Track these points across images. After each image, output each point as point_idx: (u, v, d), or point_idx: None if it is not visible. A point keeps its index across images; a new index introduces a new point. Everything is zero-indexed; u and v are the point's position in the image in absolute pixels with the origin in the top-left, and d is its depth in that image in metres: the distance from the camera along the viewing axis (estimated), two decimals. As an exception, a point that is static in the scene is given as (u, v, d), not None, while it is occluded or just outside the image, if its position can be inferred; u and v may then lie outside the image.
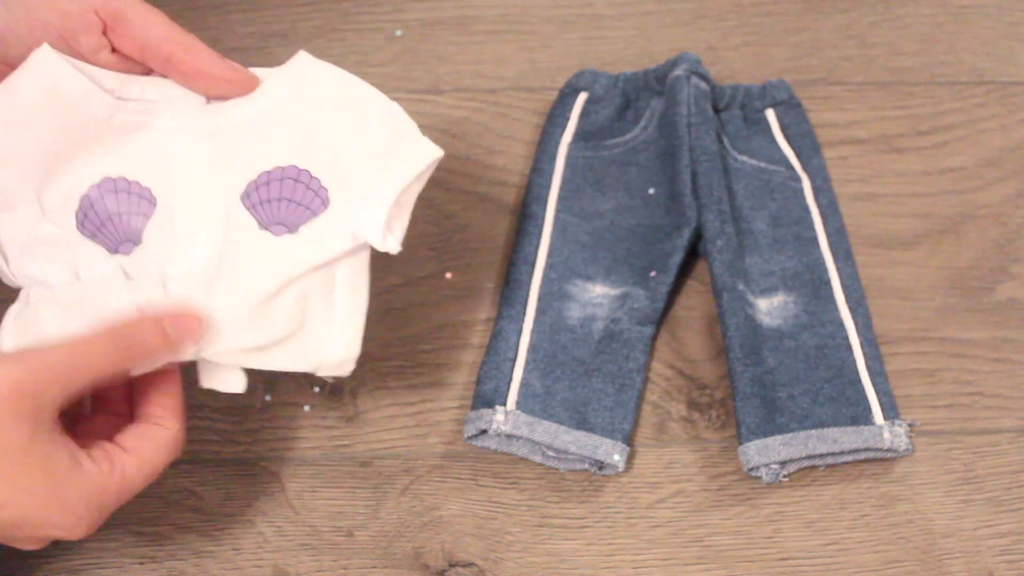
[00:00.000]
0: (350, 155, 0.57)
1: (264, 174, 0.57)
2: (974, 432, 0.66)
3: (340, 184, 0.57)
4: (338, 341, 0.57)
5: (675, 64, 0.75)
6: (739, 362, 0.66)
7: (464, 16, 0.82)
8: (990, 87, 0.79)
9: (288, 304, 0.55)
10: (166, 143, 0.58)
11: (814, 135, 0.76)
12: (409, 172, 0.56)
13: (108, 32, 0.56)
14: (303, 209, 0.57)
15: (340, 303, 0.57)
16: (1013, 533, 0.63)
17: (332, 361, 0.57)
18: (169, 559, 0.61)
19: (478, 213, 0.73)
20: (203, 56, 0.57)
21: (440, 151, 0.57)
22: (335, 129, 0.58)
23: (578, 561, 0.62)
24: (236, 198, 0.57)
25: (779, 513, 0.64)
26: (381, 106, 0.58)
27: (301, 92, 0.58)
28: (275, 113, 0.58)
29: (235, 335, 0.55)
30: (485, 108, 0.78)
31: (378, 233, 0.55)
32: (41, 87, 0.55)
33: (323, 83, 0.58)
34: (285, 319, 0.55)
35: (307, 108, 0.58)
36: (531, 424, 0.64)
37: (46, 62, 0.55)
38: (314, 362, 0.56)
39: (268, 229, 0.57)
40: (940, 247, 0.73)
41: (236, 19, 0.81)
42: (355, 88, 0.58)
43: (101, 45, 0.56)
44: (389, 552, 0.62)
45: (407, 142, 0.57)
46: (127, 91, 0.57)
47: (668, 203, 0.72)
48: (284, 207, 0.57)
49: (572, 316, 0.69)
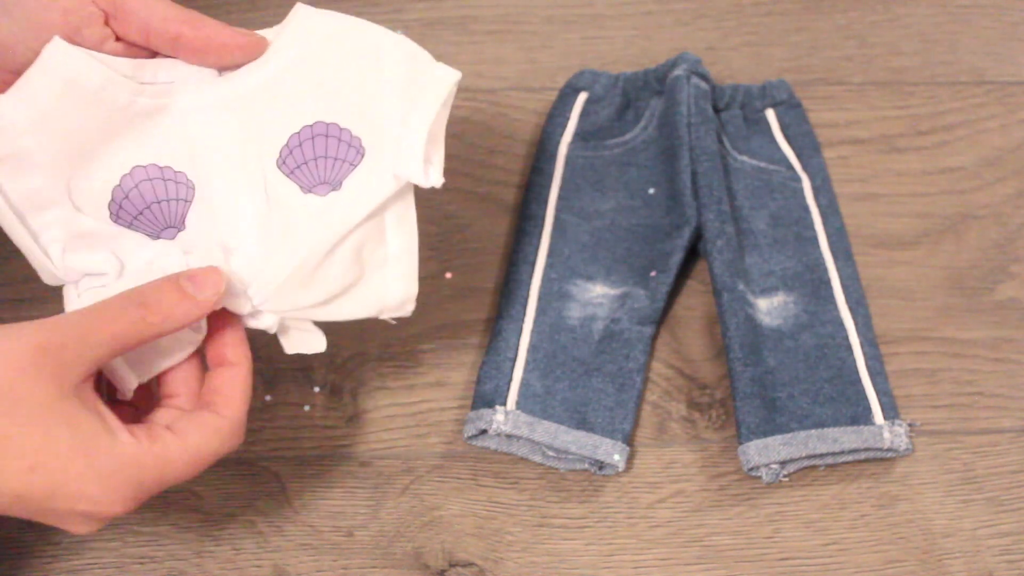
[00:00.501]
0: (373, 98, 0.57)
1: (294, 136, 0.57)
2: (974, 432, 0.66)
3: (371, 129, 0.57)
4: (396, 283, 0.57)
5: (675, 64, 0.75)
6: (739, 362, 0.66)
7: (464, 16, 0.82)
8: (990, 87, 0.79)
9: (344, 258, 0.56)
10: (189, 123, 0.57)
11: (814, 135, 0.76)
12: (435, 101, 0.56)
13: (110, 21, 0.56)
14: (341, 163, 0.57)
15: (392, 245, 0.57)
16: (1013, 533, 0.63)
17: (393, 302, 0.58)
18: (169, 559, 0.61)
19: (478, 213, 0.74)
20: (210, 28, 0.57)
21: (458, 73, 0.57)
22: (353, 76, 0.57)
23: (578, 561, 0.62)
24: (272, 166, 0.57)
25: (779, 513, 0.64)
26: (391, 42, 0.57)
27: (310, 46, 0.58)
28: (290, 72, 0.57)
29: (295, 295, 0.55)
30: (485, 108, 0.78)
31: (419, 168, 0.55)
32: (60, 81, 0.54)
33: (329, 33, 0.58)
34: (342, 273, 0.56)
35: (320, 61, 0.57)
36: (531, 424, 0.64)
37: (61, 55, 0.54)
38: (377, 306, 0.57)
39: (312, 191, 0.57)
40: (940, 247, 0.73)
41: (236, 19, 0.81)
42: (361, 30, 0.58)
43: (105, 36, 0.56)
44: (389, 552, 0.62)
45: (425, 72, 0.57)
46: (140, 76, 0.57)
47: (668, 203, 0.72)
48: (322, 165, 0.57)
49: (572, 316, 0.69)
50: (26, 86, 0.54)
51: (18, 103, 0.54)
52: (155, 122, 0.57)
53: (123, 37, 0.56)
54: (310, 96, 0.57)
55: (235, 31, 0.57)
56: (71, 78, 0.54)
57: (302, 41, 0.58)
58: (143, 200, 0.57)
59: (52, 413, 0.47)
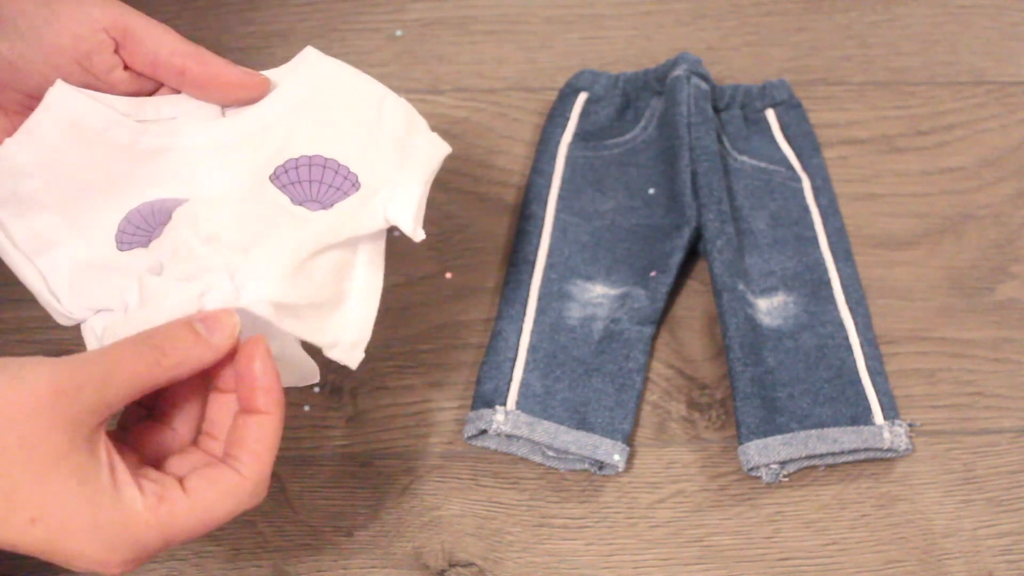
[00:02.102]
0: (373, 144, 0.58)
1: (291, 161, 0.57)
2: (974, 432, 0.66)
3: (369, 169, 0.57)
4: (353, 321, 0.57)
5: (675, 64, 0.75)
6: (739, 362, 0.66)
7: (464, 16, 0.82)
8: (990, 87, 0.79)
9: (322, 271, 0.55)
10: (194, 162, 0.57)
11: (814, 135, 0.76)
12: (430, 163, 0.58)
13: (120, 50, 0.56)
14: (335, 190, 0.57)
15: (358, 283, 0.57)
16: (1013, 533, 0.63)
17: (346, 340, 0.57)
18: (169, 559, 0.61)
19: (478, 213, 0.74)
20: (215, 65, 0.57)
21: (448, 147, 0.59)
22: (353, 122, 0.58)
23: (578, 561, 0.62)
24: (265, 179, 0.57)
25: (779, 513, 0.64)
26: (392, 101, 0.59)
27: (315, 90, 0.58)
28: (293, 113, 0.58)
29: (274, 285, 0.54)
30: (485, 108, 0.78)
31: (411, 218, 0.56)
32: (65, 123, 0.55)
33: (334, 80, 0.59)
34: (319, 284, 0.55)
35: (323, 105, 0.58)
36: (531, 424, 0.64)
37: (64, 98, 0.55)
38: (331, 337, 0.56)
39: (303, 205, 0.57)
40: (940, 247, 0.73)
41: (236, 19, 0.81)
42: (366, 84, 0.59)
43: (114, 64, 0.56)
44: (389, 552, 0.62)
45: (421, 136, 0.58)
46: (142, 113, 0.57)
47: (668, 203, 0.72)
48: (315, 188, 0.57)
49: (572, 316, 0.69)
50: (31, 129, 0.55)
51: (24, 145, 0.55)
52: (160, 161, 0.57)
53: (131, 66, 0.57)
54: (311, 134, 0.58)
55: (240, 70, 0.58)
56: (75, 120, 0.55)
57: (308, 84, 0.59)
58: (148, 224, 0.57)
59: (63, 464, 0.46)
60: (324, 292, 0.55)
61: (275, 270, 0.54)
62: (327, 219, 0.56)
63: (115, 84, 0.57)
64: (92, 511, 0.46)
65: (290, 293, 0.54)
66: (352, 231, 0.56)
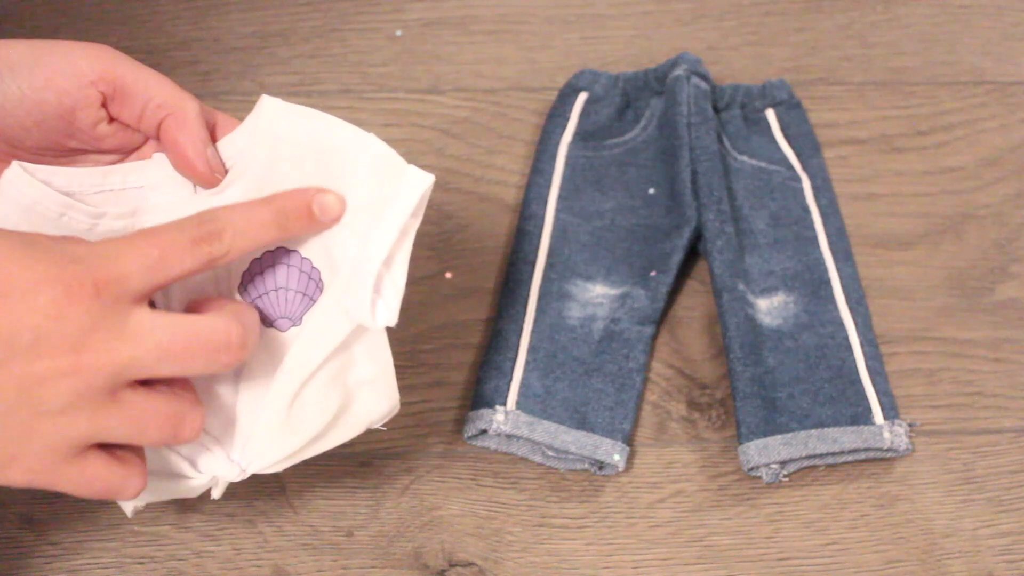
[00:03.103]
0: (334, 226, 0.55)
1: (255, 262, 0.56)
2: (974, 432, 0.66)
3: (330, 263, 0.55)
4: (376, 403, 0.55)
5: (675, 64, 0.75)
6: (739, 362, 0.66)
7: (464, 16, 0.82)
8: (990, 87, 0.79)
9: (317, 396, 0.54)
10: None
11: (814, 135, 0.76)
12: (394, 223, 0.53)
13: (107, 103, 0.55)
14: (302, 296, 0.55)
15: (365, 371, 0.55)
16: (1013, 533, 0.63)
17: (377, 417, 0.56)
18: (169, 559, 0.61)
19: (478, 213, 0.73)
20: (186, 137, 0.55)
21: (430, 178, 0.53)
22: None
23: (578, 561, 0.62)
24: (235, 293, 0.56)
25: (779, 513, 0.64)
26: (358, 146, 0.54)
27: (277, 160, 0.55)
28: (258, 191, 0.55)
29: (277, 443, 0.54)
30: (485, 108, 0.78)
31: (366, 312, 0.53)
32: (19, 208, 0.53)
33: (295, 141, 0.54)
34: (320, 411, 0.54)
35: (286, 178, 0.55)
36: (531, 424, 0.64)
37: (19, 183, 0.53)
38: (362, 426, 0.56)
39: (273, 325, 0.56)
40: (940, 247, 0.73)
41: (236, 19, 0.81)
42: (328, 131, 0.54)
43: (99, 118, 0.55)
44: (389, 552, 0.62)
45: (393, 181, 0.53)
46: (108, 183, 0.55)
47: (668, 203, 0.72)
48: (284, 298, 0.55)
49: (572, 316, 0.69)
50: None
51: None
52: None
53: (117, 118, 0.55)
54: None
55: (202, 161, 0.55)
56: (30, 206, 0.53)
57: (267, 151, 0.55)
58: None
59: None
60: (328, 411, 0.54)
61: (270, 428, 0.53)
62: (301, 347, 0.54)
63: (100, 138, 0.55)
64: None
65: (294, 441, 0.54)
66: (326, 350, 0.54)
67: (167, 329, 0.47)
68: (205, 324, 0.48)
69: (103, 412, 0.47)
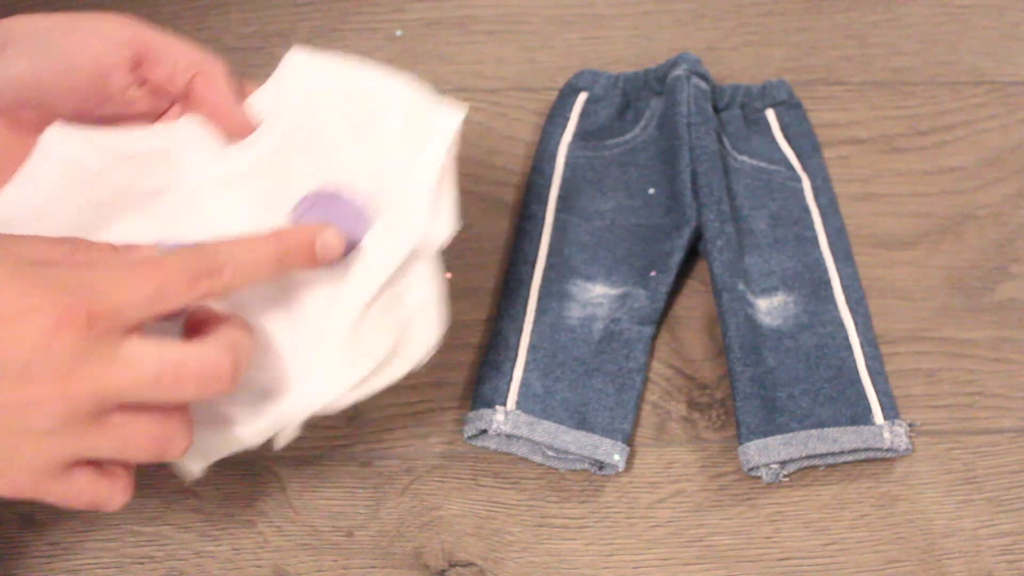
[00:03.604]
0: (377, 157, 0.56)
1: (304, 201, 0.56)
2: (974, 432, 0.66)
3: (381, 190, 0.56)
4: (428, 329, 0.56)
5: (675, 64, 0.75)
6: (739, 362, 0.66)
7: (464, 16, 0.82)
8: (990, 87, 0.79)
9: (376, 323, 0.54)
10: (199, 200, 0.57)
11: (814, 135, 0.76)
12: (439, 149, 0.56)
13: (137, 67, 0.56)
14: (356, 220, 0.56)
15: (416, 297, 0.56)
16: (1013, 533, 0.63)
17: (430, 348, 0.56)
18: (169, 559, 0.61)
19: (478, 213, 0.73)
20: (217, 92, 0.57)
21: (463, 109, 0.56)
22: (354, 134, 0.57)
23: (578, 561, 0.62)
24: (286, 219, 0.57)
25: (779, 513, 0.64)
26: (388, 92, 0.57)
27: (309, 110, 0.57)
28: (291, 139, 0.57)
29: (337, 376, 0.54)
30: (485, 108, 0.78)
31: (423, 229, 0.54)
32: (61, 164, 0.54)
33: (324, 88, 0.57)
34: (380, 337, 0.54)
35: (319, 123, 0.57)
36: (531, 424, 0.64)
37: (60, 139, 0.54)
38: (418, 355, 0.56)
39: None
40: (940, 247, 0.73)
41: (236, 19, 0.81)
42: (356, 79, 0.57)
43: (130, 81, 0.56)
44: (389, 552, 0.62)
45: (426, 117, 0.56)
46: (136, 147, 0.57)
47: (668, 203, 0.72)
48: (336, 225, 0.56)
49: (572, 316, 0.69)
50: (29, 173, 0.54)
51: (22, 190, 0.54)
52: (164, 200, 0.57)
53: (148, 79, 0.57)
54: (314, 162, 0.57)
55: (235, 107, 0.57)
56: (71, 161, 0.54)
57: (298, 102, 0.57)
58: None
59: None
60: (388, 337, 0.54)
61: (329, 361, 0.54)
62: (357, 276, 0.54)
63: (131, 102, 0.57)
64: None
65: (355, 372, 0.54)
66: (384, 275, 0.54)
67: (158, 360, 0.47)
68: (196, 355, 0.48)
69: (89, 434, 0.47)
